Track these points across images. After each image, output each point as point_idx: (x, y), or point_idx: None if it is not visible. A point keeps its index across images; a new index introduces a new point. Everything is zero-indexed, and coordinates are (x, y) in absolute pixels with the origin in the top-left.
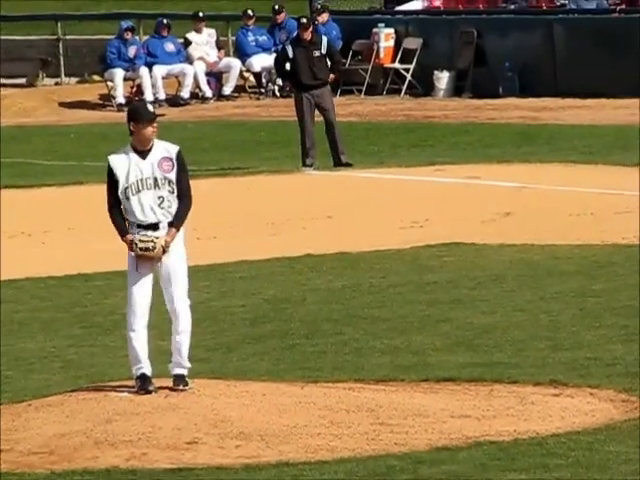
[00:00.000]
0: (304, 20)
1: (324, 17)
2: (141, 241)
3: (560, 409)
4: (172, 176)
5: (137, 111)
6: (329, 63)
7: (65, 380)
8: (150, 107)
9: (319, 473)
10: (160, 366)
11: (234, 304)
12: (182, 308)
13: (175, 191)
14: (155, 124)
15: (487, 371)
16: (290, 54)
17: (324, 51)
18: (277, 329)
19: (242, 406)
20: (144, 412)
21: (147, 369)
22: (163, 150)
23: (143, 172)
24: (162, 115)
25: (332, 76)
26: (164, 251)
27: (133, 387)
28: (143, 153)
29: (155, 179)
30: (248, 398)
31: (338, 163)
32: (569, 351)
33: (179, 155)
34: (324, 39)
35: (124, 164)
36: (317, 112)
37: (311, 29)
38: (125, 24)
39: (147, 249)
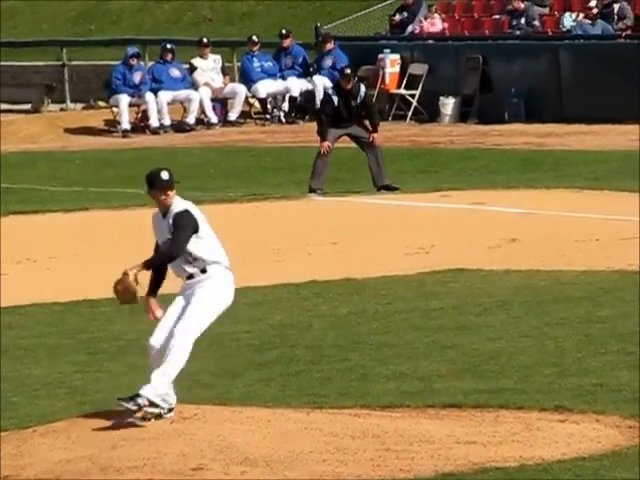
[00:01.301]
0: (348, 71)
1: (330, 45)
2: None
3: (566, 435)
4: None
5: (149, 178)
6: (367, 121)
7: (70, 406)
8: (165, 175)
9: None
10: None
11: (239, 330)
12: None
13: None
14: (169, 191)
15: (493, 397)
16: (335, 101)
17: (359, 100)
18: (283, 355)
19: (247, 432)
20: (149, 438)
21: None
22: (175, 211)
23: (164, 232)
24: (178, 182)
25: (373, 135)
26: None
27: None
28: (165, 214)
29: None
30: (253, 424)
31: (383, 187)
32: (575, 377)
33: (176, 215)
34: (362, 89)
35: (156, 222)
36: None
37: (352, 81)
38: (131, 50)
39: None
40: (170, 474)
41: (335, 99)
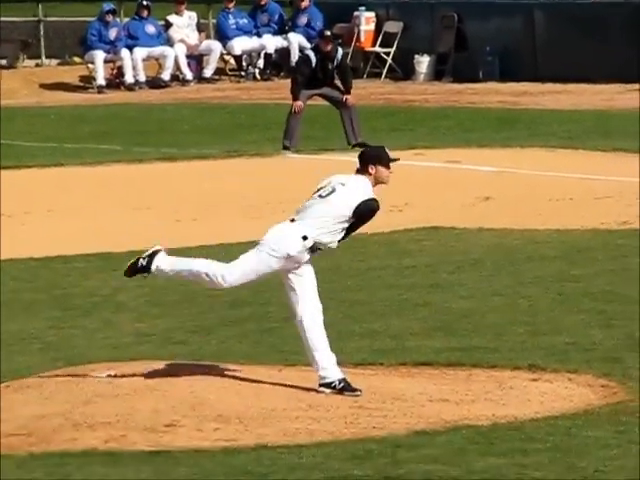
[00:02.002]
0: (328, 33)
1: (305, 3)
2: None
3: (538, 394)
4: None
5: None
6: (340, 84)
7: (44, 362)
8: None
9: (297, 457)
10: (140, 347)
11: None
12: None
13: None
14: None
15: (465, 355)
16: (313, 63)
17: (336, 63)
18: (255, 312)
19: (220, 389)
20: (122, 394)
21: None
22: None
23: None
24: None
25: (347, 97)
26: None
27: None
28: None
29: None
30: (226, 381)
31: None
32: (548, 336)
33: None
34: (339, 52)
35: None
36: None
37: (332, 43)
38: (107, 6)
39: None
40: (143, 430)
41: (313, 60)
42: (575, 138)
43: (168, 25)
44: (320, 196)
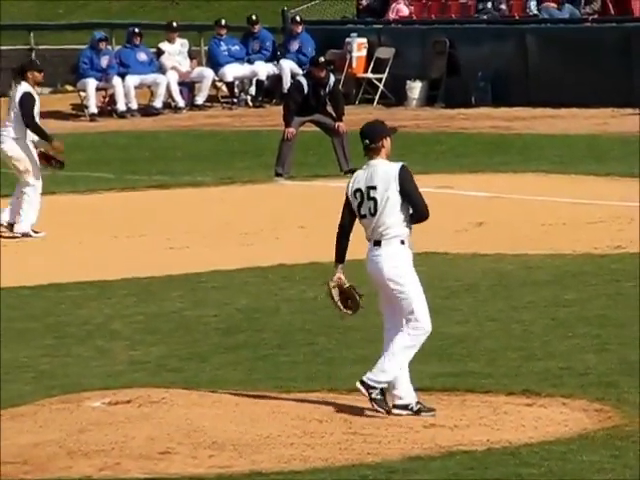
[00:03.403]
0: (321, 59)
1: (298, 28)
2: None
3: (533, 419)
4: None
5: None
6: (331, 110)
7: (38, 390)
8: None
9: None
10: (134, 374)
11: (207, 314)
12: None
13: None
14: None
15: (460, 381)
16: (305, 89)
17: (328, 90)
18: (250, 339)
19: (215, 416)
20: (117, 422)
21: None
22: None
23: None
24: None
25: (339, 124)
26: None
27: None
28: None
29: None
30: (221, 408)
31: (349, 171)
32: (542, 361)
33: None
34: (332, 79)
35: None
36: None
37: (325, 70)
38: (98, 34)
39: None
40: (138, 458)
41: (305, 87)
42: (568, 163)
43: (160, 52)
44: (371, 214)
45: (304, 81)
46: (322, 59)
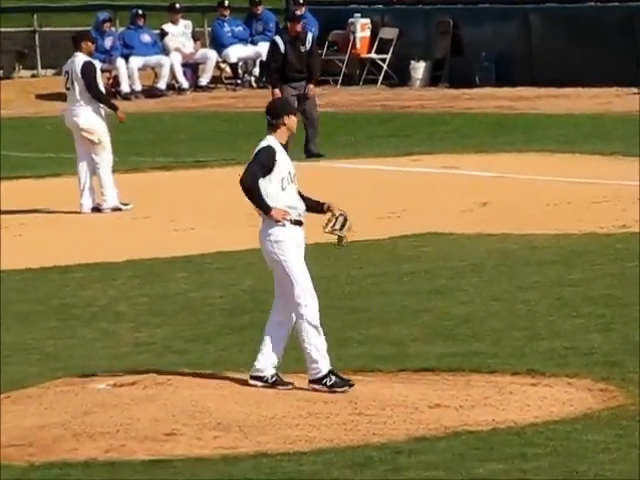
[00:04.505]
0: (297, 13)
1: (302, 10)
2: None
3: (538, 398)
4: None
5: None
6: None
7: (43, 372)
8: None
9: (297, 464)
10: (139, 356)
11: (212, 295)
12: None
13: None
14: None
15: (465, 361)
16: (282, 49)
17: (308, 47)
18: (255, 320)
19: (220, 397)
20: (122, 404)
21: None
22: None
23: (292, 166)
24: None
25: (310, 86)
26: None
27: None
28: (285, 147)
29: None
30: (226, 389)
31: (311, 154)
32: (547, 340)
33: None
34: (309, 35)
35: (281, 153)
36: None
37: (301, 23)
38: (102, 16)
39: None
40: (143, 440)
41: (281, 44)
42: (572, 142)
43: (163, 34)
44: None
45: (279, 40)
46: (298, 12)
